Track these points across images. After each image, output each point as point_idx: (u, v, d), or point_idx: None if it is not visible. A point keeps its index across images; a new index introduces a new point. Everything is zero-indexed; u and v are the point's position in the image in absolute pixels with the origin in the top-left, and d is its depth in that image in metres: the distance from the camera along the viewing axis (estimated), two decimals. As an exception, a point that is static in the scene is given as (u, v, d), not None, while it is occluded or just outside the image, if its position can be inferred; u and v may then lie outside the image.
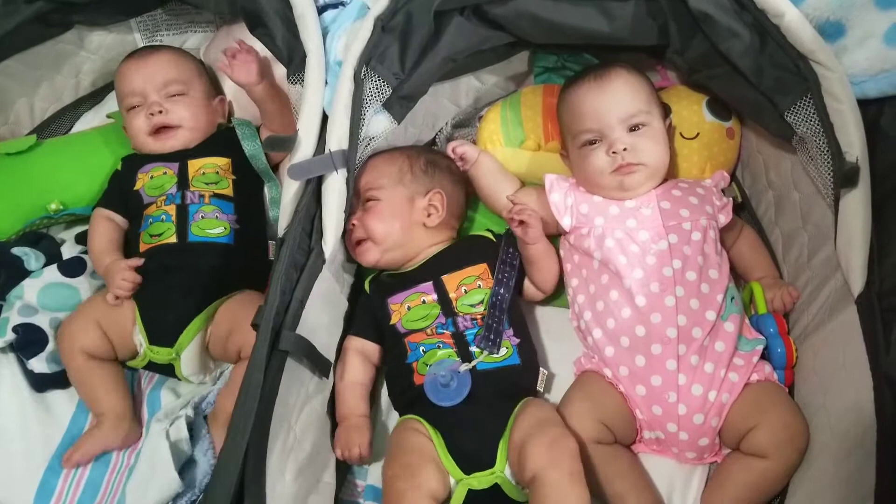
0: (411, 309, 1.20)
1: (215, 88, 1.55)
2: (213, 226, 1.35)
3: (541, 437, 1.01)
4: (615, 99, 1.21)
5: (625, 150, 1.19)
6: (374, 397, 1.27)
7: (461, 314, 1.18)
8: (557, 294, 1.32)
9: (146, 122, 1.42)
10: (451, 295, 1.20)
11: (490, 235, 1.31)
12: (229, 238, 1.35)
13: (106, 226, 1.41)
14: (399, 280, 1.26)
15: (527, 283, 1.29)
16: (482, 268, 1.23)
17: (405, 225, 1.27)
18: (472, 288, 1.21)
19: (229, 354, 1.25)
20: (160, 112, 1.42)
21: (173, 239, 1.33)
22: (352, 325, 1.25)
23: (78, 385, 1.26)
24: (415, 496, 1.00)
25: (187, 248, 1.32)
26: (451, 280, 1.22)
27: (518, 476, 1.04)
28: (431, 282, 1.22)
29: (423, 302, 1.20)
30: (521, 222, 1.20)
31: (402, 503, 1.00)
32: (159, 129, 1.43)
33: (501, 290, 1.19)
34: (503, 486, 1.06)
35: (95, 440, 1.21)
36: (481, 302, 1.19)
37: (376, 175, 1.28)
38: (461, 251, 1.28)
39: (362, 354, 1.25)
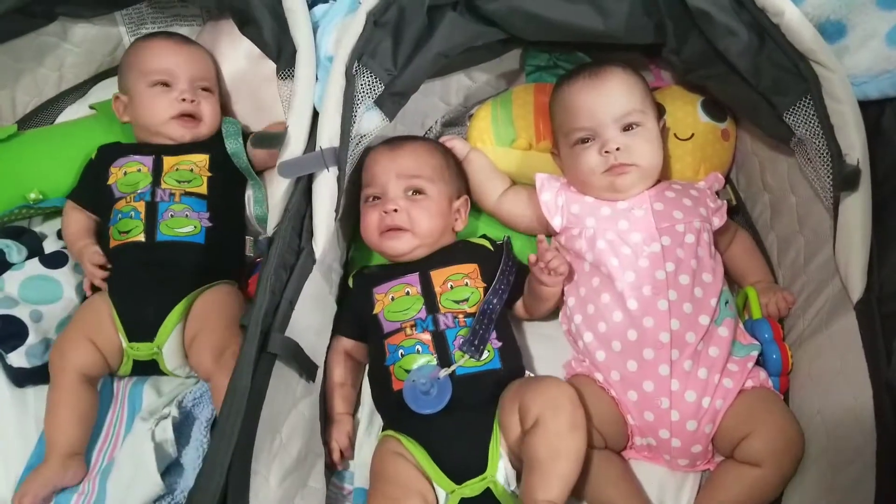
0: (395, 300, 1.18)
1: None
2: (182, 224, 1.32)
3: (538, 387, 1.03)
4: (610, 97, 1.19)
5: (618, 149, 1.17)
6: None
7: (444, 310, 1.16)
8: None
9: (173, 105, 1.38)
10: (437, 289, 1.18)
11: (487, 243, 1.28)
12: (200, 237, 1.32)
13: (78, 216, 1.40)
14: (386, 271, 1.24)
15: (518, 303, 1.26)
16: (472, 267, 1.21)
17: (444, 225, 1.25)
18: (458, 285, 1.18)
19: (191, 367, 1.24)
20: (192, 101, 1.39)
21: (141, 237, 1.31)
22: (336, 325, 1.23)
23: (51, 406, 1.21)
24: None
25: (156, 247, 1.30)
26: (438, 275, 1.19)
27: (522, 423, 1.02)
28: (417, 273, 1.20)
29: (407, 293, 1.18)
30: (551, 270, 1.15)
31: None
32: (182, 116, 1.39)
33: (495, 301, 1.16)
34: (494, 491, 1.05)
35: (44, 481, 1.15)
36: (466, 300, 1.17)
37: (420, 163, 1.24)
38: (454, 251, 1.26)
39: (347, 354, 1.24)
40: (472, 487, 1.05)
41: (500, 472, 1.05)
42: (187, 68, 1.40)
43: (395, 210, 1.20)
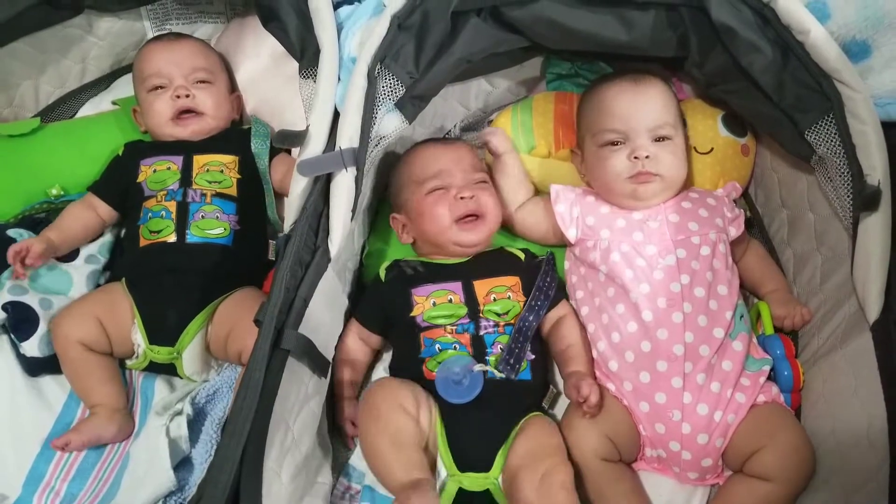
0: (437, 305, 1.18)
1: (232, 84, 1.54)
2: (212, 226, 1.33)
3: (534, 468, 1.00)
4: (648, 106, 1.20)
5: (647, 157, 1.18)
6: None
7: (485, 318, 1.17)
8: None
9: (170, 105, 1.40)
10: (480, 300, 1.18)
11: (520, 254, 1.27)
12: (228, 239, 1.33)
13: (83, 212, 1.39)
14: (427, 271, 1.23)
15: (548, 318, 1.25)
16: (514, 280, 1.21)
17: (502, 217, 1.29)
18: (501, 297, 1.19)
19: (230, 356, 1.24)
20: (187, 96, 1.40)
21: (172, 238, 1.31)
22: (357, 311, 1.24)
23: (72, 377, 1.24)
24: (389, 404, 1.05)
25: (186, 248, 1.31)
26: (481, 286, 1.20)
27: (509, 499, 1.03)
28: (461, 282, 1.20)
29: (450, 301, 1.18)
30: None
31: (377, 409, 1.05)
32: (181, 115, 1.41)
33: (531, 318, 1.16)
34: (494, 494, 1.05)
35: (90, 430, 1.19)
36: (507, 312, 1.18)
37: (475, 158, 1.30)
38: (494, 260, 1.26)
39: (362, 340, 1.25)
40: (472, 480, 1.06)
41: (502, 478, 1.06)
42: (179, 65, 1.41)
43: (472, 196, 1.22)
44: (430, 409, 1.09)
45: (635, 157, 1.18)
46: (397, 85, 1.18)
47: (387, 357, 1.29)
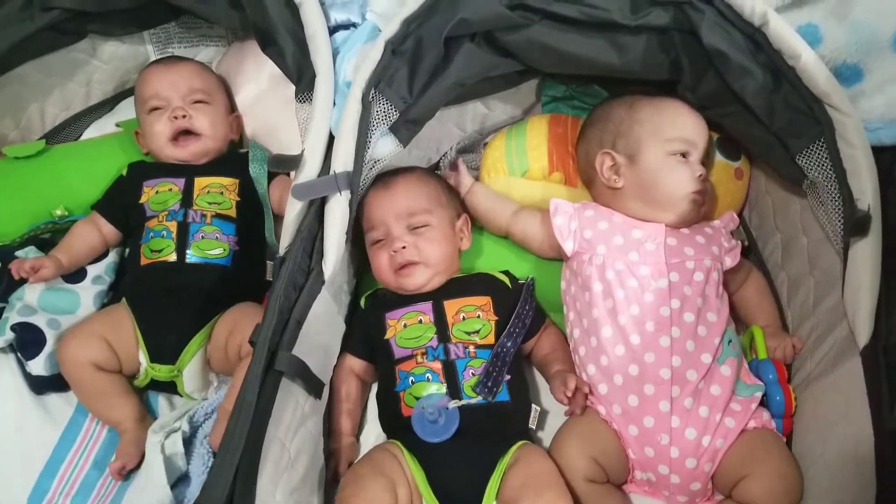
0: (407, 326, 1.19)
1: (231, 105, 1.56)
2: (212, 246, 1.35)
3: (534, 501, 0.99)
4: (705, 130, 1.24)
5: (705, 181, 1.22)
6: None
7: (455, 341, 1.17)
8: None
9: (168, 126, 1.42)
10: (449, 319, 1.19)
11: (506, 280, 1.28)
12: (227, 260, 1.36)
13: (87, 232, 1.42)
14: (400, 297, 1.25)
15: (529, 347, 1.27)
16: (485, 300, 1.22)
17: (453, 248, 1.27)
18: (471, 316, 1.19)
19: (230, 357, 1.25)
20: (184, 116, 1.42)
21: (172, 257, 1.34)
22: (346, 343, 1.25)
23: (87, 398, 1.26)
24: None
25: (185, 267, 1.33)
26: (451, 305, 1.21)
27: None
28: (431, 302, 1.21)
29: (420, 321, 1.19)
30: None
31: None
32: (179, 136, 1.43)
33: (509, 344, 1.16)
34: None
35: (132, 447, 1.22)
36: (477, 331, 1.18)
37: (415, 197, 1.26)
38: (469, 282, 1.27)
39: (354, 373, 1.25)
40: None
41: None
42: (176, 87, 1.43)
43: (403, 247, 1.21)
44: (406, 479, 1.07)
45: (700, 175, 1.20)
46: (391, 109, 1.19)
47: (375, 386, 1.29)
